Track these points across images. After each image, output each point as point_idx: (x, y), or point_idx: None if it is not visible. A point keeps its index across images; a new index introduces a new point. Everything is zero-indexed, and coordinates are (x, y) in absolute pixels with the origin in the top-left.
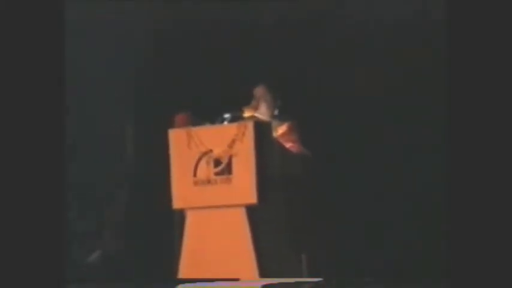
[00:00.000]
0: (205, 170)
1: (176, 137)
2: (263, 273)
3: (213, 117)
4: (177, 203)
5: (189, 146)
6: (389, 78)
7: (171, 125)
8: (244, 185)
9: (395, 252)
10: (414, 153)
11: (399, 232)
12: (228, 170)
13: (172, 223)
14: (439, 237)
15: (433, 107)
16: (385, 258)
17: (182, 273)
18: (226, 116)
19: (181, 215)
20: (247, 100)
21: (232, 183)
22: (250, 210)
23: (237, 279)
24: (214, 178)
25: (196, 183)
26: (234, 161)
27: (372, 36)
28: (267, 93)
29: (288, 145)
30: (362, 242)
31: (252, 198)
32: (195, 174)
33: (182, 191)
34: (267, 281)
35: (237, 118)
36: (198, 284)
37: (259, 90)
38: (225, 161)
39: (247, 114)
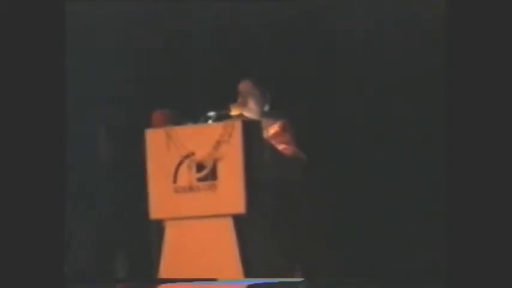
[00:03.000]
0: (187, 175)
1: (154, 137)
2: None
3: (195, 115)
4: (154, 213)
5: (168, 148)
6: (389, 78)
7: (148, 124)
8: (231, 192)
9: (395, 252)
10: (414, 153)
11: (399, 232)
12: (212, 175)
13: (150, 235)
14: (439, 237)
15: (433, 106)
16: (385, 258)
17: None
18: (211, 114)
19: (159, 226)
20: (234, 97)
21: (218, 191)
22: (238, 220)
23: (214, 279)
24: (197, 184)
25: (176, 190)
26: (220, 165)
27: (372, 32)
28: (254, 87)
29: (280, 147)
30: (361, 243)
31: (240, 207)
32: (175, 180)
33: (160, 199)
34: (252, 282)
35: (222, 117)
36: (180, 284)
37: (246, 85)
38: (209, 165)
39: (234, 112)
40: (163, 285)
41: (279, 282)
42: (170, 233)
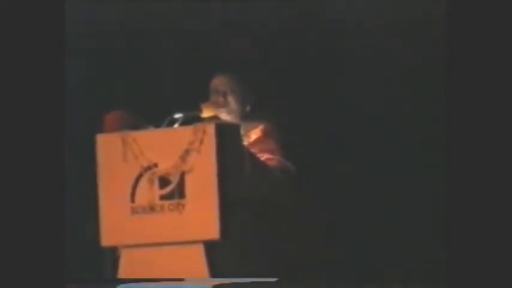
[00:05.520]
0: (148, 192)
1: (106, 144)
2: None
3: (158, 117)
4: (107, 239)
5: (124, 158)
6: (389, 77)
7: (100, 128)
8: (201, 213)
9: (395, 252)
10: (414, 153)
11: (399, 232)
12: (179, 192)
13: (101, 266)
14: (439, 237)
15: (433, 106)
16: (385, 258)
17: None
18: (177, 116)
19: (113, 255)
20: (206, 94)
21: (186, 211)
22: (211, 248)
23: (182, 279)
24: (159, 204)
25: (134, 210)
26: (188, 179)
27: (371, 32)
28: (234, 84)
29: (263, 157)
30: (361, 243)
31: (213, 232)
32: (132, 199)
33: (114, 222)
34: (218, 281)
35: (192, 119)
36: (143, 285)
37: (223, 80)
38: (175, 180)
39: (206, 113)
40: (124, 285)
41: (251, 282)
42: (126, 264)
